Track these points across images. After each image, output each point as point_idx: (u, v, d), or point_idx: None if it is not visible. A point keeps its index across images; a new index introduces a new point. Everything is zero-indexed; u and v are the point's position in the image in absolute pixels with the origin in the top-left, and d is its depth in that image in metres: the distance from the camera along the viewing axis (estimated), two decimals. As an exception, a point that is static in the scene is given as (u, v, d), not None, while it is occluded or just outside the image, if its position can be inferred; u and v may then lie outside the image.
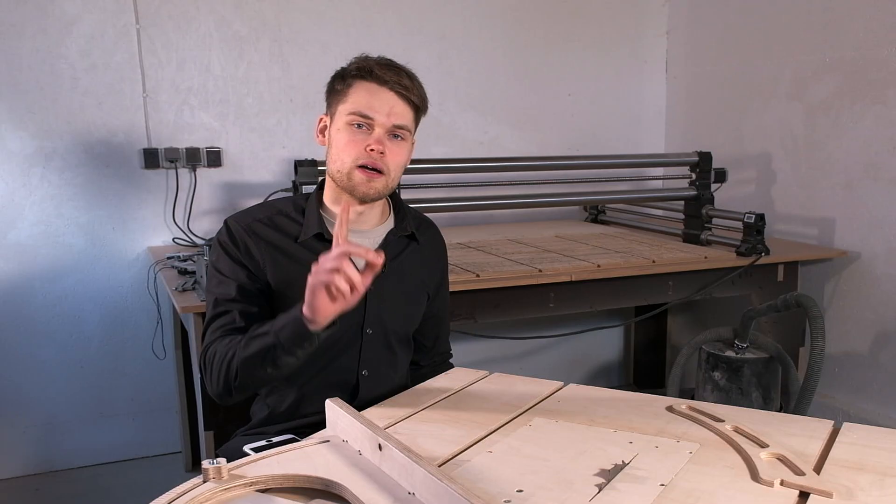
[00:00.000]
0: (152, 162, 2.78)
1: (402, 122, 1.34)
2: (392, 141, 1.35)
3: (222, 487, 0.87)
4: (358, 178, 1.34)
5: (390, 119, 1.33)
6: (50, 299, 2.74)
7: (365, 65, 1.34)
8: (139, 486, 2.68)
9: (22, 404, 2.75)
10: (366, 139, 1.33)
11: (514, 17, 3.31)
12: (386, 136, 1.34)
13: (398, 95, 1.33)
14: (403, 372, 1.51)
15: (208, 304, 1.38)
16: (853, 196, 2.77)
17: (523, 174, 3.08)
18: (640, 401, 1.20)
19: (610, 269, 2.39)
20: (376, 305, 1.42)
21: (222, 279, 1.37)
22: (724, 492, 0.87)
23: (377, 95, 1.33)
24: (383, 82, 1.33)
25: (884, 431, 1.05)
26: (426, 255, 1.51)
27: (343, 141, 1.34)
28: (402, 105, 1.34)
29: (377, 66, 1.33)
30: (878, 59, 2.64)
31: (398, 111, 1.34)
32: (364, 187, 1.34)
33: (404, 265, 1.46)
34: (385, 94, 1.33)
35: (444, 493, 0.79)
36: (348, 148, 1.33)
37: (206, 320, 1.37)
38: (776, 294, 2.53)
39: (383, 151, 1.33)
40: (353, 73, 1.35)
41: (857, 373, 2.79)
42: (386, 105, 1.33)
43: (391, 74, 1.33)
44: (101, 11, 2.68)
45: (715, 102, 3.38)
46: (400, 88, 1.33)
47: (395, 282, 1.44)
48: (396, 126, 1.34)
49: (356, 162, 1.33)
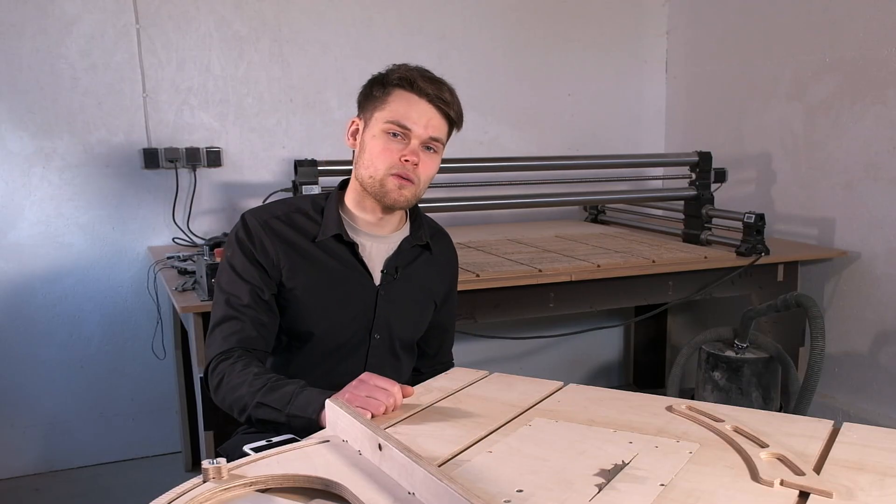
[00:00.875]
0: (152, 162, 2.78)
1: (437, 134, 1.35)
2: (425, 153, 1.36)
3: (222, 487, 0.87)
4: (391, 185, 1.34)
5: (427, 131, 1.34)
6: (50, 299, 2.74)
7: (408, 75, 1.34)
8: (139, 486, 2.68)
9: (22, 404, 2.75)
10: (401, 149, 1.33)
11: (514, 17, 3.31)
12: (420, 148, 1.34)
13: (437, 109, 1.34)
14: (406, 379, 1.52)
15: (218, 302, 1.37)
16: (853, 196, 2.77)
17: (523, 174, 3.08)
18: (640, 401, 1.20)
19: (610, 269, 2.39)
20: (385, 311, 1.42)
21: (235, 278, 1.36)
22: (724, 492, 0.87)
23: (416, 107, 1.33)
24: (424, 94, 1.33)
25: (884, 431, 1.05)
26: (438, 265, 1.52)
27: (378, 148, 1.34)
28: (439, 118, 1.35)
29: (420, 77, 1.34)
30: (878, 59, 2.64)
31: (435, 124, 1.34)
32: (395, 194, 1.35)
33: (415, 273, 1.46)
34: (424, 107, 1.33)
35: (444, 493, 0.79)
36: (383, 155, 1.34)
37: (214, 318, 1.36)
38: (776, 294, 2.53)
39: (417, 163, 1.34)
40: (395, 81, 1.35)
41: (857, 373, 2.79)
42: (424, 117, 1.33)
43: (433, 88, 1.34)
44: (101, 11, 2.68)
45: (715, 102, 3.38)
46: (440, 102, 1.34)
47: (405, 289, 1.44)
48: (432, 138, 1.35)
49: (390, 170, 1.34)
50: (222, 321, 1.34)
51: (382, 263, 1.43)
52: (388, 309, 1.42)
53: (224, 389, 1.28)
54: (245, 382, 1.24)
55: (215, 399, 1.32)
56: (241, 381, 1.25)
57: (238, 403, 1.25)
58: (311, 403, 1.17)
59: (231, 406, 1.27)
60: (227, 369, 1.28)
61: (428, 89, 1.33)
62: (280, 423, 1.19)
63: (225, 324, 1.33)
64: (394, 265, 1.43)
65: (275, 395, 1.21)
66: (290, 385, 1.22)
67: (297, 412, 1.17)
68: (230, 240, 1.41)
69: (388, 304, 1.42)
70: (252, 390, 1.23)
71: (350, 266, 1.41)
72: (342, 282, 1.40)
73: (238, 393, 1.25)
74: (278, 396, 1.20)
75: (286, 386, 1.21)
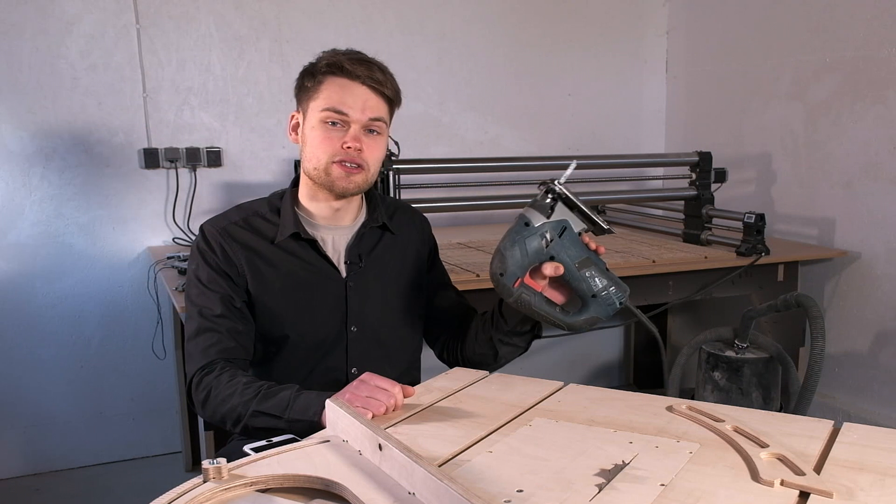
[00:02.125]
0: (152, 162, 2.78)
1: (376, 115, 1.32)
2: (368, 136, 1.33)
3: (222, 487, 0.87)
4: (336, 173, 1.32)
5: (365, 114, 1.31)
6: (50, 299, 2.74)
7: (335, 60, 1.31)
8: (139, 486, 2.68)
9: (22, 404, 2.75)
10: (342, 136, 1.31)
11: (514, 17, 3.31)
12: (361, 132, 1.32)
13: (371, 90, 1.31)
14: (405, 365, 1.49)
15: (191, 315, 1.34)
16: (853, 196, 2.77)
17: (523, 174, 3.08)
18: (640, 401, 1.20)
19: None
20: (358, 302, 1.40)
21: (203, 290, 1.33)
22: (724, 492, 0.87)
23: (350, 91, 1.30)
24: (355, 77, 1.30)
25: (884, 431, 1.05)
26: (401, 240, 1.48)
27: (318, 139, 1.32)
28: (375, 98, 1.32)
29: (348, 60, 1.30)
30: (878, 59, 2.64)
31: (372, 105, 1.31)
32: (343, 182, 1.33)
33: (381, 257, 1.44)
34: (358, 89, 1.30)
35: (444, 493, 0.79)
36: (324, 145, 1.32)
37: (189, 332, 1.33)
38: (776, 294, 2.53)
39: (360, 148, 1.31)
40: (324, 69, 1.32)
41: (857, 373, 2.79)
42: (359, 100, 1.30)
43: (362, 69, 1.30)
44: (101, 11, 2.68)
45: (715, 102, 3.38)
46: (372, 83, 1.31)
47: (374, 276, 1.42)
48: (372, 119, 1.32)
49: (332, 158, 1.31)
50: (197, 334, 1.31)
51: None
52: (359, 299, 1.40)
53: (213, 403, 1.25)
54: (235, 393, 1.22)
55: (203, 414, 1.28)
56: (231, 391, 1.23)
57: (231, 415, 1.22)
58: (310, 406, 1.15)
59: (224, 418, 1.24)
60: (213, 382, 1.26)
61: (358, 71, 1.29)
62: (280, 429, 1.17)
63: (200, 336, 1.31)
64: (356, 253, 1.41)
65: (271, 401, 1.19)
66: (284, 390, 1.20)
67: (298, 416, 1.15)
68: (192, 252, 1.38)
69: (359, 293, 1.40)
70: (244, 399, 1.20)
71: (314, 263, 1.38)
72: (308, 280, 1.38)
73: (230, 404, 1.22)
74: (275, 403, 1.18)
75: (281, 391, 1.19)
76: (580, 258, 1.23)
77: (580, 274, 1.23)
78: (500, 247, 1.22)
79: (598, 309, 1.24)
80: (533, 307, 1.24)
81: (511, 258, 1.21)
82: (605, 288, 1.23)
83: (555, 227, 1.23)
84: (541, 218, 1.22)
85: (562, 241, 1.23)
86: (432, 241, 1.57)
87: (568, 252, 1.23)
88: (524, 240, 1.21)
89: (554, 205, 1.23)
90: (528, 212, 1.23)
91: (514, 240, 1.22)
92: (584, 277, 1.23)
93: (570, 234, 1.24)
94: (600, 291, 1.23)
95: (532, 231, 1.21)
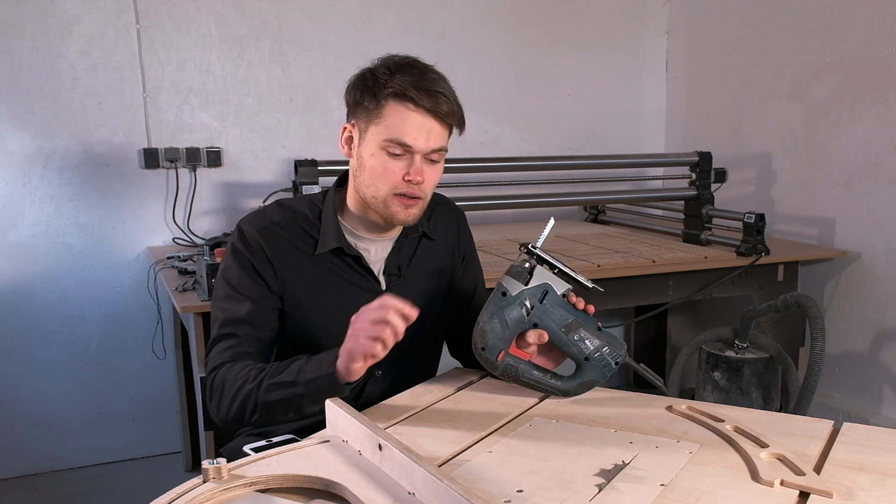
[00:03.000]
0: (152, 162, 2.78)
1: (440, 145, 1.28)
2: (429, 165, 1.28)
3: (222, 487, 0.87)
4: (396, 207, 1.28)
5: (429, 144, 1.26)
6: (50, 299, 2.74)
7: (402, 89, 1.23)
8: (139, 486, 2.68)
9: (22, 404, 2.75)
10: (404, 167, 1.26)
11: (514, 17, 3.31)
12: (423, 162, 1.27)
13: (436, 119, 1.26)
14: (429, 368, 1.46)
15: (215, 317, 1.31)
16: (853, 196, 2.77)
17: (523, 174, 3.08)
18: (640, 401, 1.20)
19: (610, 269, 2.39)
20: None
21: (231, 293, 1.30)
22: (724, 492, 0.87)
23: (415, 121, 1.24)
24: (421, 107, 1.24)
25: (884, 431, 1.05)
26: (439, 245, 1.45)
27: (379, 168, 1.27)
28: (439, 128, 1.27)
29: (414, 90, 1.23)
30: (878, 59, 2.64)
31: (436, 134, 1.27)
32: (403, 215, 1.29)
33: (419, 265, 1.41)
34: (423, 120, 1.24)
35: (444, 493, 0.79)
36: (385, 175, 1.26)
37: (212, 335, 1.30)
38: (776, 294, 2.53)
39: (422, 181, 1.27)
40: (388, 94, 1.24)
41: (857, 373, 2.79)
42: (424, 131, 1.25)
43: (429, 101, 1.24)
44: (101, 11, 2.68)
45: (715, 102, 3.39)
46: (438, 114, 1.25)
47: (412, 286, 1.38)
48: (434, 150, 1.27)
49: (394, 191, 1.27)
50: (219, 339, 1.29)
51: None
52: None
53: (228, 396, 1.22)
54: (248, 379, 1.20)
55: (220, 415, 1.24)
56: (244, 378, 1.21)
57: (247, 401, 1.19)
58: (323, 360, 1.13)
59: (241, 407, 1.20)
60: (225, 373, 1.24)
61: (426, 103, 1.24)
62: (297, 396, 1.14)
63: (221, 342, 1.28)
64: (395, 264, 1.38)
65: (282, 373, 1.17)
66: (295, 361, 1.18)
67: (313, 374, 1.13)
68: (227, 252, 1.34)
69: None
70: (256, 380, 1.18)
71: (354, 275, 1.35)
72: (347, 291, 1.34)
73: (244, 391, 1.19)
74: (287, 372, 1.16)
75: (291, 362, 1.18)
76: (566, 321, 1.19)
77: (568, 338, 1.19)
78: (479, 319, 1.19)
79: (592, 372, 1.19)
80: (520, 378, 1.19)
81: (491, 331, 1.17)
82: (597, 349, 1.18)
83: (534, 292, 1.19)
84: (518, 286, 1.18)
85: (544, 306, 1.18)
86: (467, 241, 1.52)
87: (552, 317, 1.18)
88: (502, 310, 1.17)
89: (533, 269, 1.19)
90: (505, 280, 1.20)
91: (492, 312, 1.18)
92: (572, 341, 1.18)
93: (553, 298, 1.19)
94: (593, 353, 1.18)
95: (510, 300, 1.18)
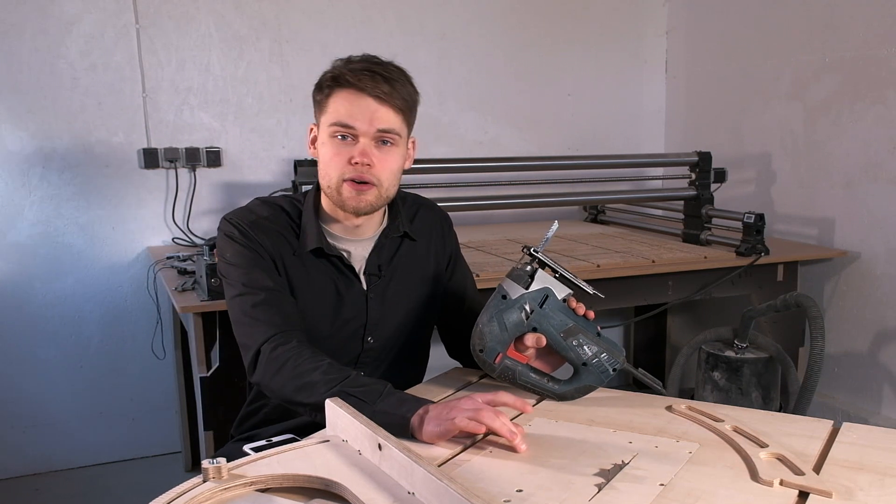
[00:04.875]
0: (152, 162, 2.78)
1: (387, 126, 1.25)
2: (380, 148, 1.26)
3: (222, 487, 0.87)
4: (347, 193, 1.27)
5: (373, 125, 1.24)
6: (50, 299, 2.74)
7: (339, 73, 1.24)
8: (139, 486, 2.68)
9: (22, 404, 2.75)
10: (350, 151, 1.25)
11: (514, 17, 3.31)
12: (372, 145, 1.25)
13: (379, 101, 1.24)
14: (413, 371, 1.46)
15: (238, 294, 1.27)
16: (853, 196, 2.77)
17: (523, 174, 3.08)
18: (640, 401, 1.21)
19: (609, 269, 2.39)
20: (377, 314, 1.36)
21: (245, 269, 1.28)
22: (724, 492, 0.87)
23: (356, 103, 1.24)
24: (360, 89, 1.23)
25: (884, 431, 1.05)
26: (422, 246, 1.43)
27: (328, 154, 1.27)
28: (384, 110, 1.25)
29: (351, 73, 1.24)
30: (878, 59, 2.64)
31: (381, 116, 1.24)
32: (354, 202, 1.27)
33: (401, 265, 1.40)
34: (364, 101, 1.23)
35: (444, 492, 0.79)
36: (333, 162, 1.26)
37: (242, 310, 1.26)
38: (776, 294, 2.53)
39: (369, 163, 1.25)
40: (329, 81, 1.26)
41: (857, 373, 2.79)
42: (366, 112, 1.24)
43: (367, 81, 1.23)
44: (101, 11, 2.68)
45: (715, 102, 3.39)
46: (379, 94, 1.24)
47: (394, 286, 1.38)
48: (381, 131, 1.25)
49: (342, 176, 1.26)
50: (254, 306, 1.24)
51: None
52: (380, 311, 1.36)
53: (288, 373, 1.18)
54: (319, 369, 1.17)
55: (269, 384, 1.21)
56: (315, 366, 1.17)
57: (308, 387, 1.16)
58: (405, 402, 1.09)
59: (298, 389, 1.17)
60: (292, 353, 1.20)
61: (363, 84, 1.23)
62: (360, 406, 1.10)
63: (258, 309, 1.24)
64: (376, 264, 1.37)
65: (361, 388, 1.13)
66: (376, 383, 1.15)
67: (389, 408, 1.09)
68: (221, 243, 1.32)
69: (379, 305, 1.36)
70: (330, 378, 1.15)
71: (336, 274, 1.34)
72: (328, 291, 1.34)
73: (310, 378, 1.16)
74: (366, 390, 1.13)
75: (373, 382, 1.15)
76: (565, 326, 1.19)
77: (567, 343, 1.19)
78: (479, 321, 1.19)
79: (590, 377, 1.19)
80: (517, 380, 1.19)
81: (489, 333, 1.18)
82: (595, 355, 1.19)
83: (534, 297, 1.19)
84: (518, 289, 1.19)
85: (543, 310, 1.19)
86: (453, 244, 1.51)
87: (551, 321, 1.19)
88: (502, 313, 1.18)
89: (534, 273, 1.20)
90: (506, 283, 1.20)
91: (491, 314, 1.19)
92: (571, 346, 1.19)
93: (553, 303, 1.20)
94: (591, 359, 1.18)
95: (510, 304, 1.18)
